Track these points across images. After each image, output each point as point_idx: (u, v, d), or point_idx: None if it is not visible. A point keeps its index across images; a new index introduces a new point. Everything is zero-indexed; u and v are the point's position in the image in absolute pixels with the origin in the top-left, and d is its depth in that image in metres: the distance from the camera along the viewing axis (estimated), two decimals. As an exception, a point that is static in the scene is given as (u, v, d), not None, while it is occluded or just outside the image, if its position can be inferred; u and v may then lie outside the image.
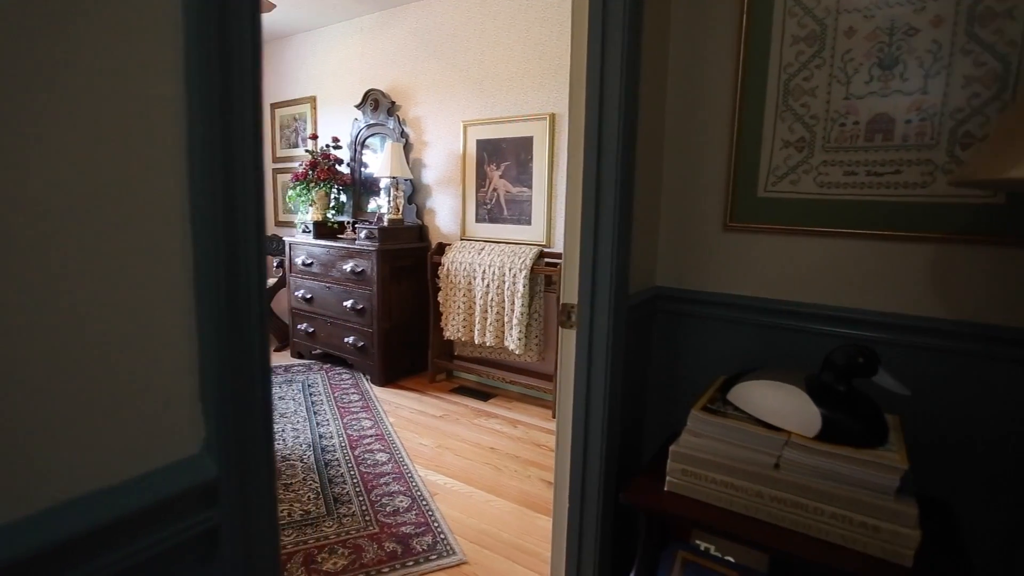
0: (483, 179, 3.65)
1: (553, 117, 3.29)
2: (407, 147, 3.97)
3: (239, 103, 0.47)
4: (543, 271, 3.28)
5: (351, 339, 3.80)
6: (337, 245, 3.82)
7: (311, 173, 4.03)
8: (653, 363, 1.69)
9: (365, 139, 4.24)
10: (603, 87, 1.28)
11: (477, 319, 3.48)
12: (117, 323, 0.45)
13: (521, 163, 3.46)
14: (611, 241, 1.31)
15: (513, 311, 3.30)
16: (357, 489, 2.39)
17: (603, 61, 1.28)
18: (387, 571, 1.87)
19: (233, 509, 0.50)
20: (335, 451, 2.75)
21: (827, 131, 1.35)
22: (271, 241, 4.75)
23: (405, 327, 3.80)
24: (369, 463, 2.64)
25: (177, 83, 0.44)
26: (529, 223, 3.47)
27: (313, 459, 2.65)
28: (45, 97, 0.39)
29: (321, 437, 2.90)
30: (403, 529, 2.11)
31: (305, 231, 4.12)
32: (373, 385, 3.72)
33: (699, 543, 1.43)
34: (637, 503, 1.25)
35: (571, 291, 1.40)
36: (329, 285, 3.91)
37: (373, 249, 3.56)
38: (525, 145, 3.42)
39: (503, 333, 3.39)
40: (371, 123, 4.12)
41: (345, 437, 2.91)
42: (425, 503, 2.29)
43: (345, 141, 4.29)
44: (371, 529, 2.10)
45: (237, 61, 0.47)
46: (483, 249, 3.50)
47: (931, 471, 1.29)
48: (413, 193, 3.98)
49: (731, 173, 1.49)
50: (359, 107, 4.13)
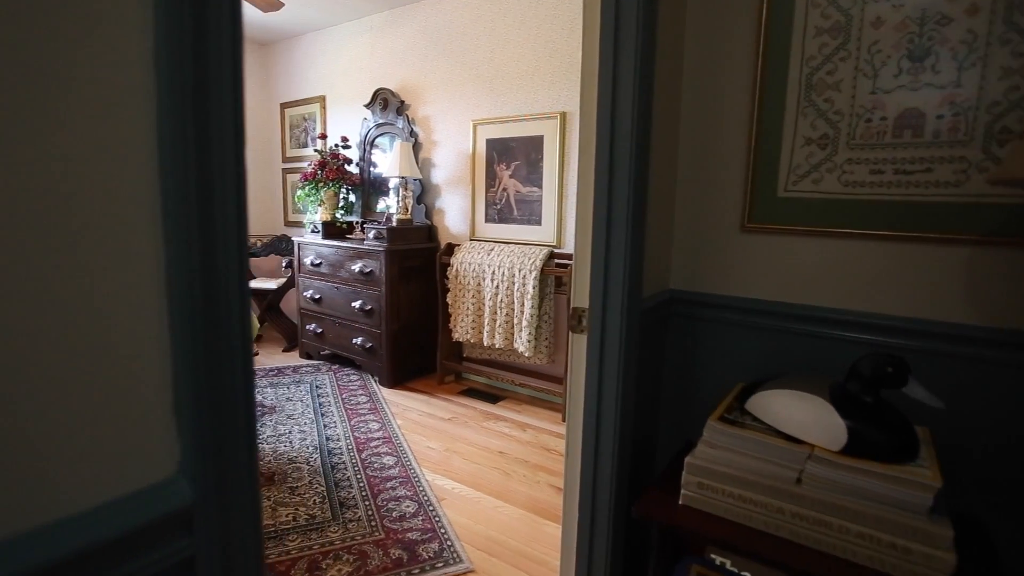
0: (493, 179, 3.61)
1: (564, 116, 3.23)
2: (416, 146, 3.93)
3: (216, 93, 0.43)
4: (553, 272, 3.22)
5: (359, 340, 3.77)
6: (346, 245, 3.79)
7: (320, 173, 4.01)
8: (666, 369, 1.63)
9: (374, 139, 4.21)
10: (616, 84, 1.23)
11: (486, 320, 3.43)
12: (77, 332, 0.41)
13: (531, 162, 3.41)
14: (624, 242, 1.26)
15: (523, 313, 3.25)
16: (363, 493, 2.35)
17: (616, 56, 1.23)
18: (392, 579, 1.83)
19: (211, 537, 0.46)
20: (342, 454, 2.72)
21: (852, 127, 1.28)
22: (280, 241, 4.75)
23: (414, 328, 3.76)
24: (376, 466, 2.60)
25: (145, 70, 0.40)
26: (539, 223, 3.42)
27: (320, 462, 2.62)
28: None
29: (328, 439, 2.87)
30: (409, 535, 2.07)
31: (314, 231, 4.11)
32: (381, 387, 3.69)
33: (714, 557, 1.37)
34: (650, 517, 1.20)
35: (582, 294, 1.35)
36: (338, 285, 3.89)
37: (382, 249, 3.53)
38: (535, 144, 3.37)
39: (512, 335, 3.34)
40: (380, 122, 4.09)
41: (352, 439, 2.88)
42: (432, 508, 2.25)
43: (354, 141, 4.27)
44: (377, 535, 2.06)
45: (214, 46, 0.42)
46: (492, 250, 3.46)
47: (963, 487, 1.22)
48: (422, 193, 3.94)
49: (749, 172, 1.43)
50: (368, 106, 4.11)
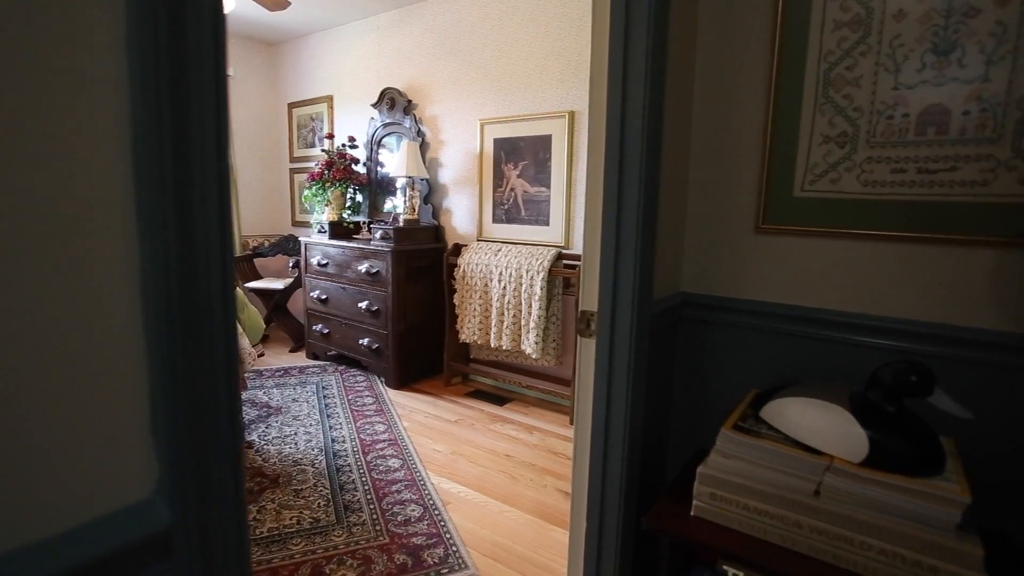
0: (500, 178, 3.57)
1: (572, 115, 3.19)
2: (423, 146, 3.91)
3: (196, 83, 0.39)
4: (561, 273, 3.18)
5: (366, 341, 3.75)
6: (352, 246, 3.77)
7: (327, 173, 4.00)
8: (677, 374, 1.59)
9: (381, 138, 4.19)
10: (626, 80, 1.19)
11: (493, 322, 3.40)
12: (40, 343, 0.38)
13: (539, 162, 3.37)
14: (634, 243, 1.22)
15: (530, 314, 3.21)
16: (368, 496, 2.33)
17: (626, 52, 1.18)
18: (396, 586, 1.80)
19: (190, 562, 0.43)
20: (347, 456, 2.69)
21: (872, 124, 1.23)
22: (287, 241, 4.74)
23: (420, 329, 3.73)
24: (381, 469, 2.57)
25: (117, 59, 0.37)
26: (547, 224, 3.38)
27: (325, 464, 2.60)
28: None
29: (334, 441, 2.85)
30: (414, 540, 2.04)
31: (321, 231, 4.09)
32: (387, 388, 3.66)
33: (727, 569, 1.32)
34: (661, 528, 1.16)
35: (591, 297, 1.31)
36: (344, 286, 3.87)
37: (388, 250, 3.50)
38: (543, 144, 3.33)
39: (520, 336, 3.30)
40: (387, 122, 4.07)
41: (358, 441, 2.86)
42: (437, 513, 2.22)
43: (361, 140, 4.25)
44: (381, 539, 2.04)
45: (193, 34, 0.39)
46: (500, 250, 3.42)
47: (990, 501, 1.16)
48: (429, 193, 3.91)
49: (764, 171, 1.38)
50: (375, 106, 4.08)
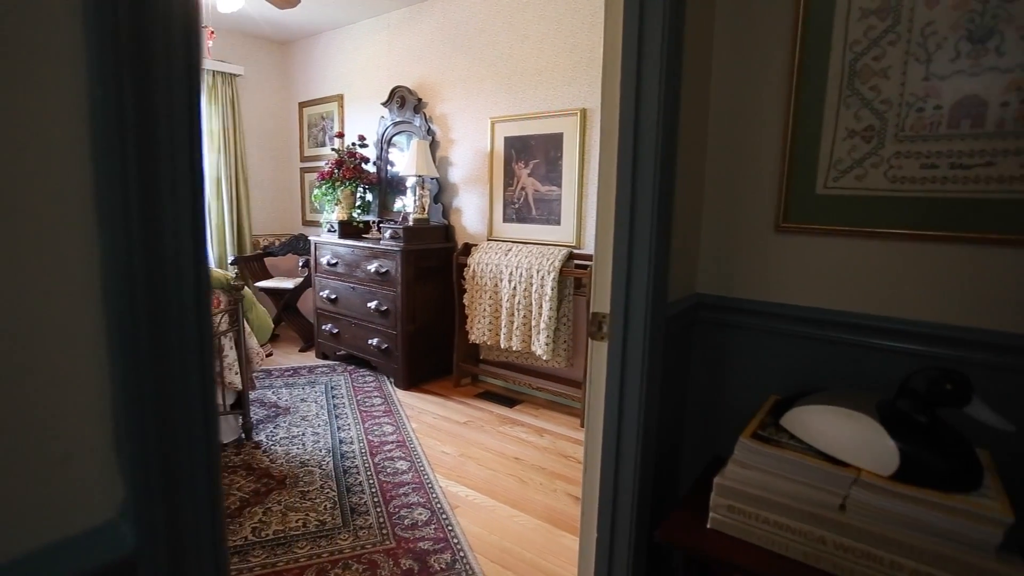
0: (511, 177, 3.52)
1: (584, 112, 3.13)
2: (433, 145, 3.87)
3: (163, 52, 0.35)
4: (572, 273, 3.13)
5: (375, 341, 3.72)
6: (362, 245, 3.75)
7: (337, 172, 3.98)
8: (692, 379, 1.53)
9: (391, 137, 4.16)
10: (640, 75, 1.13)
11: (503, 322, 3.35)
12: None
13: (550, 161, 3.32)
14: (648, 243, 1.16)
15: (541, 315, 3.16)
16: (375, 499, 2.29)
17: (640, 45, 1.13)
18: (402, 592, 1.76)
19: (159, 592, 0.39)
20: (355, 457, 2.66)
21: (901, 118, 1.17)
22: (297, 240, 4.73)
23: (430, 329, 3.70)
24: (389, 471, 2.54)
25: (72, 24, 0.33)
26: (558, 223, 3.33)
27: (332, 465, 2.57)
28: None
29: (341, 442, 2.82)
30: (421, 545, 2.00)
31: (330, 230, 4.07)
32: (396, 388, 3.63)
33: (744, 583, 1.27)
34: (675, 542, 1.10)
35: (603, 299, 1.25)
36: (354, 286, 3.84)
37: (398, 249, 3.47)
38: (555, 142, 3.28)
39: (530, 337, 3.25)
40: (397, 121, 4.04)
41: (366, 443, 2.83)
42: (445, 517, 2.18)
43: (371, 139, 4.23)
44: (387, 544, 2.00)
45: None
46: (510, 250, 3.37)
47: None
48: (439, 192, 3.88)
49: (785, 167, 1.32)
50: (385, 104, 4.06)
